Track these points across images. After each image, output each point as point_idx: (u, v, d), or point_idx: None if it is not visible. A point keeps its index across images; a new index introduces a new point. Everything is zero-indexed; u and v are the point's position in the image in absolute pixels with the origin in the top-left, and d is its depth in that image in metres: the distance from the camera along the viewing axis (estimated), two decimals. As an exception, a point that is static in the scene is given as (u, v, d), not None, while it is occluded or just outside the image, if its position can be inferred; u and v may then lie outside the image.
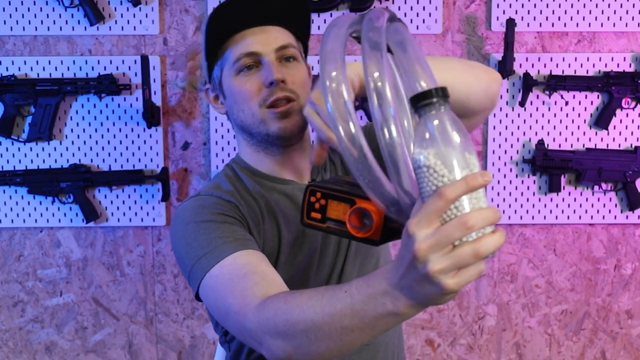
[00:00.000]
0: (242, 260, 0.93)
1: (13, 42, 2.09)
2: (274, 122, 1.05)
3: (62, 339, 2.19)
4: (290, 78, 1.06)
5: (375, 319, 0.69)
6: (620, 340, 2.23)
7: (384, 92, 0.65)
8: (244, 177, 1.12)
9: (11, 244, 2.16)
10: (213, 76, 1.12)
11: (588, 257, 2.20)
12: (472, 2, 2.10)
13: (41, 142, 2.10)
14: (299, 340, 0.77)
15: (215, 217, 1.00)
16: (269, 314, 0.81)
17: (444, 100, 0.63)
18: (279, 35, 1.08)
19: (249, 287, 0.88)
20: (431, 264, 0.60)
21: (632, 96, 2.09)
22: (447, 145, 0.61)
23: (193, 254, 0.97)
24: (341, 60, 0.70)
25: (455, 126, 0.62)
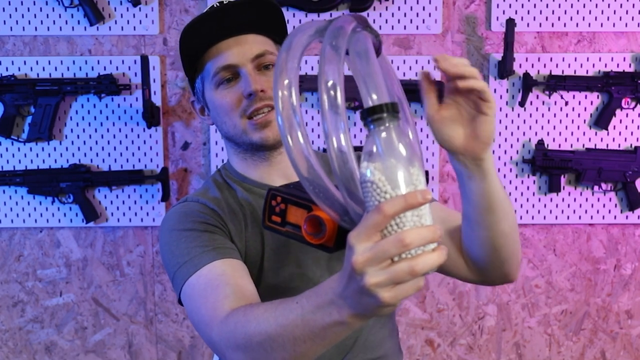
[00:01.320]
0: (218, 270, 0.95)
1: (13, 42, 2.09)
2: (255, 132, 1.06)
3: (62, 339, 2.20)
4: (269, 86, 1.05)
5: (323, 328, 0.70)
6: (620, 340, 2.23)
7: (336, 102, 0.64)
8: (233, 184, 1.13)
9: (11, 244, 2.16)
10: (196, 89, 1.13)
11: (588, 257, 2.20)
12: (472, 2, 2.10)
13: (41, 142, 2.10)
14: (256, 353, 0.79)
15: (198, 225, 1.02)
16: (229, 327, 0.83)
17: (394, 116, 0.63)
18: (254, 44, 1.07)
19: (219, 299, 0.90)
20: (367, 276, 0.61)
21: (631, 96, 2.09)
22: (393, 161, 0.62)
23: (174, 262, 1.00)
24: (296, 70, 0.70)
25: (403, 142, 0.63)
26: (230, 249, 1.01)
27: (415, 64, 2.09)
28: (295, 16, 2.06)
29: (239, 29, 1.07)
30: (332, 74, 0.65)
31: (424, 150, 2.12)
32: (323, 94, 0.65)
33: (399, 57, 2.09)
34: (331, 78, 0.65)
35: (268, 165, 1.12)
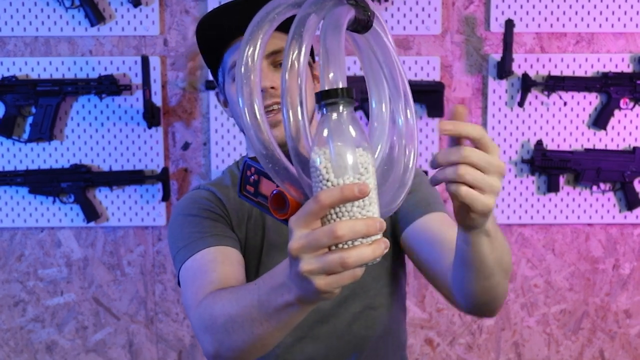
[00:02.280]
0: (210, 257, 0.98)
1: (14, 43, 2.09)
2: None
3: (63, 339, 2.20)
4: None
5: (276, 310, 0.71)
6: (619, 339, 2.24)
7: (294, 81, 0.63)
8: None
9: (12, 244, 2.16)
10: (219, 81, 1.12)
11: (586, 257, 2.20)
12: (471, 3, 2.11)
13: (42, 143, 2.11)
14: (220, 334, 0.81)
15: (202, 212, 1.07)
16: (200, 310, 0.86)
17: (348, 102, 0.63)
18: (272, 40, 1.02)
19: (203, 285, 0.93)
20: (302, 263, 0.61)
21: (630, 97, 2.10)
22: (341, 149, 0.61)
23: (175, 246, 1.05)
24: (261, 48, 0.68)
25: (353, 130, 0.62)
26: (229, 237, 1.04)
27: (414, 65, 2.09)
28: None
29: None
30: (297, 47, 0.64)
31: (424, 150, 2.13)
32: (286, 64, 0.64)
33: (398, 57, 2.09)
34: (297, 50, 0.64)
35: None
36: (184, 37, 2.10)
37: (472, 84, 2.13)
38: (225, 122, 2.11)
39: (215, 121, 2.11)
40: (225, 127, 2.11)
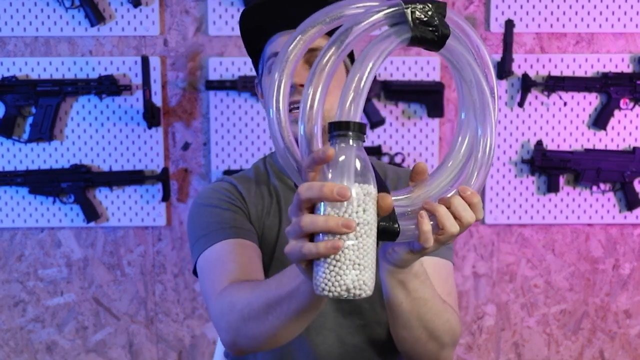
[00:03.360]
0: (229, 248, 1.01)
1: (14, 43, 2.09)
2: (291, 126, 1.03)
3: (63, 339, 2.20)
4: None
5: (289, 294, 0.79)
6: (619, 339, 2.24)
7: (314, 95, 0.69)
8: (270, 170, 1.17)
9: (12, 244, 2.16)
10: (259, 72, 1.12)
11: (586, 257, 2.20)
12: (470, 3, 2.11)
13: (42, 143, 2.11)
14: (237, 322, 0.86)
15: (222, 203, 1.08)
16: (221, 299, 0.91)
17: (357, 137, 0.66)
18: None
19: (223, 274, 0.96)
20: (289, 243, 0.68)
21: (630, 97, 2.10)
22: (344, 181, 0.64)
23: (194, 235, 1.07)
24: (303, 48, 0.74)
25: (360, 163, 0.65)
26: (247, 231, 1.06)
27: (414, 65, 2.09)
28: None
29: (298, 23, 1.05)
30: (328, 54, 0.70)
31: (424, 150, 2.13)
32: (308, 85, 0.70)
33: (398, 57, 2.10)
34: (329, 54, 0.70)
35: None
36: (184, 37, 2.10)
37: (472, 84, 2.13)
38: (225, 122, 2.11)
39: (215, 121, 2.11)
40: (225, 127, 2.11)
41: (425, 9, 0.73)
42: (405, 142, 2.12)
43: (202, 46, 2.10)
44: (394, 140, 2.12)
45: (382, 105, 2.11)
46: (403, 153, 2.12)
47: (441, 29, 0.73)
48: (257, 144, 2.12)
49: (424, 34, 0.73)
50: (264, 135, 2.12)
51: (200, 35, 2.10)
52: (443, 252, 1.11)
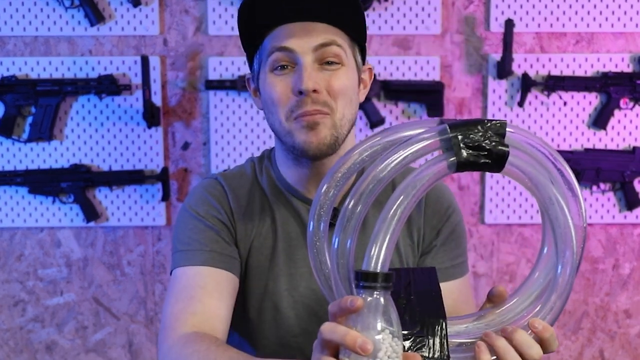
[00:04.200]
0: (201, 279, 0.97)
1: (14, 42, 2.09)
2: (300, 133, 0.96)
3: (63, 339, 2.20)
4: (326, 85, 0.95)
5: None
6: (619, 339, 2.24)
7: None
8: (265, 182, 1.08)
9: (12, 244, 2.16)
10: (253, 67, 1.03)
11: (586, 256, 2.20)
12: (470, 3, 2.11)
13: (42, 142, 2.11)
14: None
15: (208, 217, 1.03)
16: (180, 353, 0.87)
17: (385, 287, 0.65)
18: (323, 33, 0.95)
19: (186, 312, 0.93)
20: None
21: (630, 96, 2.10)
22: (367, 335, 0.63)
23: (176, 243, 1.03)
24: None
25: (387, 314, 0.64)
26: (227, 257, 1.00)
27: (414, 64, 2.09)
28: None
29: (310, 15, 0.95)
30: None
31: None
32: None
33: (398, 57, 2.10)
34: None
35: (309, 172, 1.03)
36: (183, 36, 2.10)
37: (472, 84, 2.13)
38: (225, 122, 2.11)
39: (215, 121, 2.11)
40: (225, 127, 2.11)
41: (477, 129, 0.72)
42: (405, 142, 2.12)
43: (202, 46, 2.10)
44: (393, 140, 2.12)
45: (382, 104, 2.11)
46: (403, 153, 2.12)
47: (495, 151, 0.72)
48: (257, 144, 2.12)
49: (475, 158, 0.72)
50: (263, 135, 2.12)
51: (200, 34, 2.10)
52: (461, 270, 1.09)
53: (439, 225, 1.08)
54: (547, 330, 0.72)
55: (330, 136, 0.96)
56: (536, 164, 0.73)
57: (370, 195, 0.71)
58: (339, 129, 0.97)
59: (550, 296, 0.74)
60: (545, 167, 0.74)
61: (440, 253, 1.08)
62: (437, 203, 1.08)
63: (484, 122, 0.72)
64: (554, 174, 0.74)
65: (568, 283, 0.73)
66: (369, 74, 1.06)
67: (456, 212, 1.10)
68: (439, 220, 1.08)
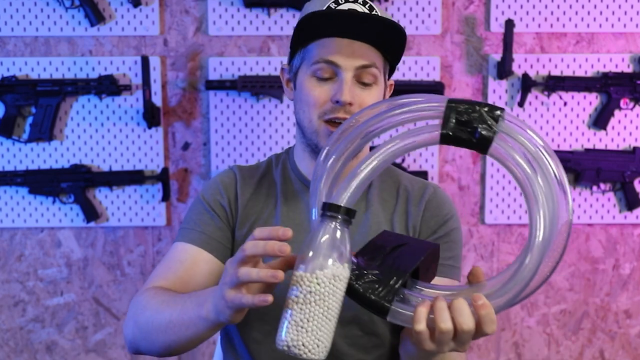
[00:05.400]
0: (183, 255, 1.09)
1: (14, 42, 2.09)
2: (326, 137, 1.05)
3: (63, 339, 2.20)
4: (359, 101, 1.04)
5: (192, 320, 0.88)
6: (619, 339, 2.24)
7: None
8: (279, 173, 1.17)
9: (12, 244, 2.16)
10: (293, 61, 1.10)
11: (587, 257, 2.20)
12: (471, 3, 2.11)
13: (42, 143, 2.11)
14: (142, 326, 0.96)
15: (210, 202, 1.13)
16: (142, 297, 0.99)
17: (345, 220, 0.74)
18: (366, 53, 1.04)
19: (160, 277, 1.05)
20: (223, 290, 0.79)
21: (630, 97, 2.10)
22: (322, 260, 0.73)
23: (183, 220, 1.15)
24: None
25: (341, 244, 0.74)
26: (214, 241, 1.10)
27: (414, 65, 2.09)
28: (295, 17, 2.07)
29: (358, 35, 1.04)
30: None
31: (424, 150, 2.12)
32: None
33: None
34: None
35: None
36: (184, 37, 2.10)
37: (472, 84, 2.13)
38: (225, 122, 2.11)
39: (215, 121, 2.11)
40: (225, 127, 2.11)
41: (470, 110, 0.77)
42: (405, 142, 2.12)
43: (202, 46, 2.10)
44: (394, 140, 2.12)
45: (382, 105, 2.11)
46: (403, 153, 2.12)
47: (482, 132, 0.77)
48: (257, 144, 2.12)
49: (458, 133, 0.77)
50: (264, 135, 2.12)
51: (200, 35, 2.10)
52: (450, 272, 1.11)
53: (435, 227, 1.13)
54: (484, 308, 0.76)
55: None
56: (523, 155, 0.77)
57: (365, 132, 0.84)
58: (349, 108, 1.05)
59: (509, 282, 0.77)
60: (535, 159, 0.77)
61: None
62: (437, 208, 1.14)
63: (484, 104, 0.77)
64: (542, 167, 0.77)
65: (531, 271, 0.76)
66: (390, 89, 1.16)
67: (454, 220, 1.15)
68: (436, 223, 1.13)
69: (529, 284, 0.77)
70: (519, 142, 0.77)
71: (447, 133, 0.77)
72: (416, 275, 0.84)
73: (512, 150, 0.77)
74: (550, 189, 0.77)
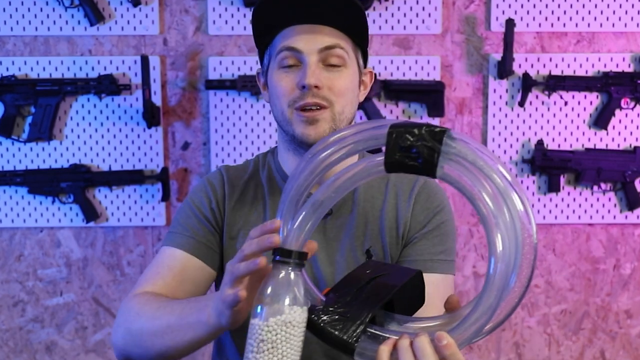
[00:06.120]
0: (172, 261, 1.07)
1: (13, 42, 2.09)
2: (299, 125, 1.03)
3: (63, 339, 2.20)
4: (328, 84, 1.02)
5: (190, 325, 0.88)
6: (620, 340, 2.23)
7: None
8: (265, 174, 1.15)
9: (11, 244, 2.16)
10: (264, 62, 1.10)
11: (587, 257, 2.20)
12: (471, 3, 2.10)
13: (41, 142, 2.11)
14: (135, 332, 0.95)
15: (199, 207, 1.12)
16: (133, 303, 0.99)
17: (297, 265, 0.74)
18: (328, 35, 1.03)
19: (148, 282, 1.05)
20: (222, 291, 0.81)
21: (631, 96, 2.09)
22: (276, 307, 0.73)
23: (171, 224, 1.15)
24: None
25: (296, 288, 0.73)
26: (204, 246, 1.09)
27: (415, 64, 2.09)
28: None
29: (317, 18, 1.03)
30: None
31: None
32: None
33: (398, 57, 2.09)
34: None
35: None
36: (183, 36, 2.09)
37: (473, 84, 2.13)
38: (225, 122, 2.10)
39: (215, 121, 2.10)
40: (225, 127, 2.10)
41: (412, 131, 0.72)
42: (405, 142, 2.11)
43: (202, 45, 2.10)
44: (394, 140, 2.12)
45: (382, 104, 2.11)
46: (403, 153, 2.12)
47: (425, 156, 0.72)
48: (257, 144, 2.12)
49: (403, 159, 0.72)
50: (263, 135, 2.11)
51: (200, 34, 2.09)
52: (442, 267, 1.09)
53: (425, 221, 1.10)
54: (448, 348, 0.72)
55: (329, 129, 1.03)
56: (474, 175, 0.72)
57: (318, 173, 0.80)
58: (337, 123, 1.03)
59: (471, 315, 0.72)
60: (487, 177, 0.72)
61: (420, 244, 1.09)
62: (427, 201, 1.11)
63: (423, 126, 0.72)
64: (497, 186, 0.71)
65: (490, 308, 0.71)
66: (369, 77, 1.13)
67: (445, 212, 1.12)
68: (426, 216, 1.11)
69: (494, 311, 0.71)
70: (468, 161, 0.72)
71: (390, 161, 0.73)
72: (391, 308, 0.80)
73: (462, 171, 0.72)
74: (508, 211, 0.71)
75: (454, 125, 2.14)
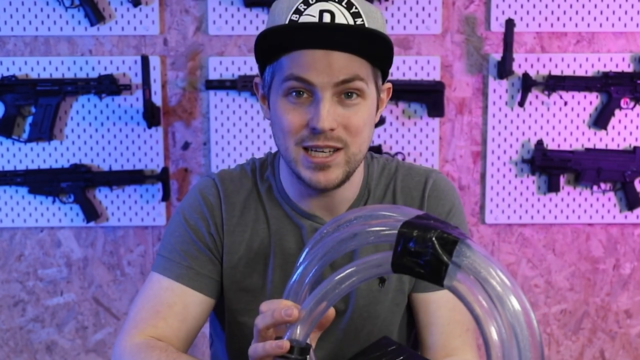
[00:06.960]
0: (171, 297, 0.97)
1: (14, 42, 2.09)
2: (306, 170, 0.91)
3: (63, 339, 2.20)
4: (343, 122, 0.89)
5: None
6: (619, 339, 2.24)
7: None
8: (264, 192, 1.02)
9: (12, 244, 2.16)
10: (265, 75, 0.95)
11: (587, 256, 2.20)
12: (471, 3, 2.11)
13: (42, 142, 2.11)
14: None
15: (195, 231, 1.00)
16: (133, 351, 0.92)
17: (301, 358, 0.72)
18: (346, 67, 0.87)
19: (149, 324, 0.96)
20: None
21: (630, 96, 2.09)
22: None
23: (161, 246, 1.02)
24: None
25: None
26: (204, 277, 0.99)
27: (415, 64, 2.09)
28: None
29: (334, 45, 0.87)
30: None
31: (424, 149, 2.12)
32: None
33: (398, 57, 2.09)
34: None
35: (313, 196, 0.99)
36: (184, 36, 2.09)
37: (473, 84, 2.13)
38: (225, 122, 2.11)
39: (215, 121, 2.10)
40: (225, 127, 2.11)
41: (423, 236, 0.66)
42: (405, 142, 2.12)
43: (202, 45, 2.10)
44: (394, 140, 2.12)
45: (383, 104, 2.11)
46: (403, 153, 2.12)
47: (434, 264, 0.66)
48: (257, 144, 2.12)
49: (409, 264, 0.67)
50: (264, 135, 2.11)
51: (200, 34, 2.10)
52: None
53: None
54: None
55: (342, 174, 0.92)
56: (484, 292, 0.66)
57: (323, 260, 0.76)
58: (352, 164, 0.92)
59: None
60: (498, 299, 0.65)
61: None
62: (437, 205, 1.02)
63: (439, 230, 0.66)
64: (507, 311, 0.65)
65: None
66: (387, 93, 0.99)
67: (455, 213, 1.03)
68: None
69: None
70: (479, 279, 0.66)
71: (397, 263, 0.68)
72: None
73: (470, 286, 0.66)
74: (517, 340, 0.64)
75: (453, 125, 2.14)
